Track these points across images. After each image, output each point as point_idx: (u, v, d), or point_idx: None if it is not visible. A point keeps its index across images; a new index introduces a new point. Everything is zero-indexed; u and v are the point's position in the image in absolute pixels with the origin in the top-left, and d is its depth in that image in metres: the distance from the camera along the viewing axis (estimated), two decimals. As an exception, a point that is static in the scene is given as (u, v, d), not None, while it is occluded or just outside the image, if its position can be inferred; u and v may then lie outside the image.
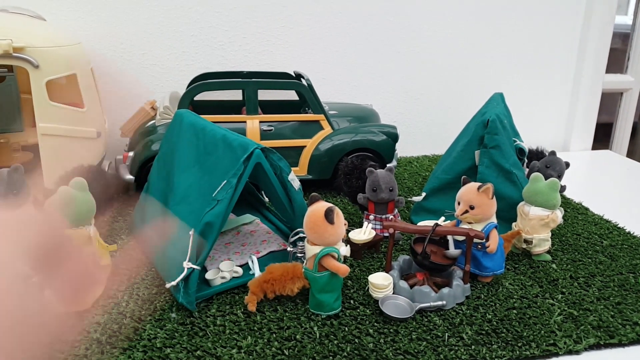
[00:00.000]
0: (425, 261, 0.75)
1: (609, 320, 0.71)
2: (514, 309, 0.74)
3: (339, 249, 0.70)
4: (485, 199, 0.75)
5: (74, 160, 0.91)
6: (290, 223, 0.82)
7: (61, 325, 0.32)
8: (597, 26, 1.46)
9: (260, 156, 0.71)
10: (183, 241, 0.71)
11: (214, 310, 0.71)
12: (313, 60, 1.34)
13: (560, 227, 0.99)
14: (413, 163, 1.36)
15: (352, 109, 1.22)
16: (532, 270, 0.84)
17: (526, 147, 1.00)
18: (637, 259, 0.89)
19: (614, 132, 1.76)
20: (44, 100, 0.89)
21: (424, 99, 1.45)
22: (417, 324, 0.70)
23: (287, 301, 0.74)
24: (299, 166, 1.11)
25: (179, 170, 0.80)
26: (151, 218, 0.84)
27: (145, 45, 1.23)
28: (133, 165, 1.02)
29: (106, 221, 0.98)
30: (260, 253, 0.84)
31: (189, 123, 0.84)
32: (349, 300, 0.75)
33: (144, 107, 1.09)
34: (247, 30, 1.28)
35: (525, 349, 0.66)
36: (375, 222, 0.90)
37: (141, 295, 0.75)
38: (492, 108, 0.95)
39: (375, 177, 0.89)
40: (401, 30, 1.37)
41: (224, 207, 0.69)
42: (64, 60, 0.93)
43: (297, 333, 0.67)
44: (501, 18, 1.42)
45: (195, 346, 0.65)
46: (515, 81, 1.49)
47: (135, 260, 0.82)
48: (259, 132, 1.07)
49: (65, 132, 0.93)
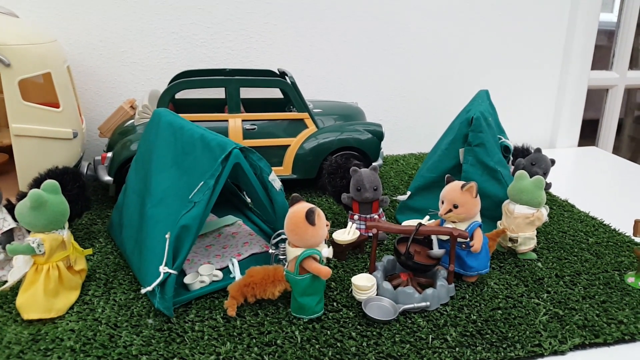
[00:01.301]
0: (408, 261, 0.74)
1: (594, 320, 0.71)
2: (499, 309, 0.73)
3: (321, 251, 0.68)
4: (469, 198, 0.74)
5: (49, 161, 0.89)
6: (273, 224, 0.80)
7: None
8: (583, 23, 1.46)
9: (239, 156, 0.70)
10: (160, 245, 0.69)
11: (193, 316, 0.69)
12: (298, 58, 1.32)
13: (546, 225, 0.98)
14: (399, 161, 1.35)
15: (337, 107, 1.21)
16: (518, 269, 0.83)
17: (511, 144, 0.99)
18: (622, 256, 0.88)
19: (600, 129, 1.76)
20: (16, 100, 0.86)
21: (410, 96, 1.44)
22: (400, 326, 0.68)
23: (268, 305, 0.72)
24: (283, 165, 1.09)
25: (157, 171, 0.78)
26: (129, 221, 0.82)
27: (125, 43, 1.20)
28: (111, 166, 0.99)
29: (83, 224, 0.95)
30: (241, 255, 0.82)
31: (166, 122, 0.81)
32: (332, 303, 0.73)
33: (123, 106, 1.07)
34: (230, 27, 1.25)
35: (510, 350, 0.65)
36: (360, 222, 0.89)
37: (118, 300, 0.73)
38: (476, 105, 0.94)
39: (359, 176, 0.88)
40: (387, 28, 1.35)
41: (201, 209, 0.67)
42: (37, 58, 0.90)
43: (277, 338, 0.66)
44: (487, 15, 1.41)
45: (172, 353, 0.63)
46: (502, 78, 1.49)
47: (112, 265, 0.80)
48: (241, 131, 1.05)
49: (39, 132, 0.90)
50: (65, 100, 0.96)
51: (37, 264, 0.69)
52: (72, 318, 0.69)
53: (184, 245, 0.68)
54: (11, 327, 0.67)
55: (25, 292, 0.69)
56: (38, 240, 0.68)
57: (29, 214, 0.68)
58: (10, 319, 0.68)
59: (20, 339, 0.65)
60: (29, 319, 0.68)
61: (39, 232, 0.69)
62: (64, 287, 0.71)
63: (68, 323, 0.68)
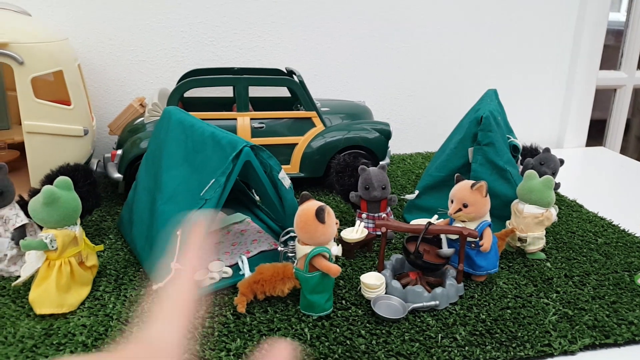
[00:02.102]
0: (417, 260, 0.74)
1: (604, 320, 0.71)
2: (508, 308, 0.73)
3: (330, 249, 0.69)
4: (479, 197, 0.74)
5: (60, 158, 0.89)
6: (281, 222, 0.80)
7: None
8: (591, 23, 1.46)
9: (249, 154, 0.70)
10: (171, 241, 0.69)
11: (203, 312, 0.70)
12: (305, 57, 1.32)
13: (554, 225, 0.98)
14: (406, 160, 1.35)
15: (344, 106, 1.21)
16: (527, 269, 0.83)
17: (520, 144, 0.99)
18: (632, 256, 0.88)
19: (608, 129, 1.75)
20: (29, 97, 0.87)
21: (417, 95, 1.44)
22: (409, 324, 0.69)
23: (277, 302, 0.73)
24: (290, 164, 1.10)
25: (167, 168, 0.78)
26: (139, 217, 0.82)
27: (135, 42, 1.21)
28: (121, 164, 1.00)
29: (93, 221, 0.96)
30: (250, 253, 0.83)
31: (177, 120, 0.82)
32: (340, 301, 0.73)
33: (133, 104, 1.07)
34: (238, 26, 1.26)
35: (520, 349, 0.65)
36: (368, 221, 0.89)
37: (129, 296, 0.73)
38: (485, 104, 0.94)
39: (368, 175, 0.88)
40: (395, 27, 1.35)
41: (212, 206, 0.68)
42: (49, 56, 0.91)
43: (287, 335, 0.66)
44: (495, 14, 1.41)
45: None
46: (509, 78, 1.48)
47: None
48: (249, 130, 1.06)
49: (51, 129, 0.91)
50: (76, 98, 0.96)
51: (49, 260, 0.70)
52: (83, 313, 0.70)
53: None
54: (24, 321, 0.68)
55: (38, 287, 0.69)
56: (51, 236, 0.68)
57: (42, 210, 0.69)
58: (23, 314, 0.69)
59: (34, 334, 0.65)
60: (42, 314, 0.68)
61: (51, 228, 0.70)
62: (75, 282, 0.72)
63: (80, 318, 0.69)
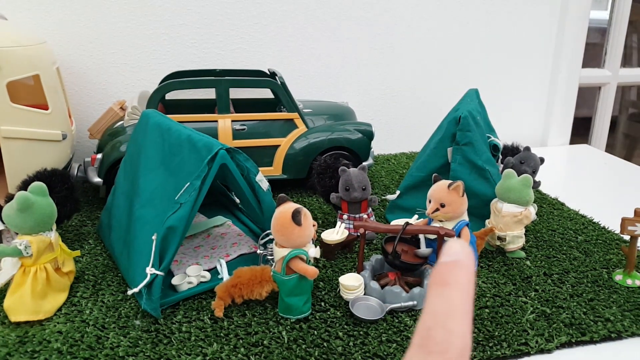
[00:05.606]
0: (396, 261, 0.74)
1: (581, 317, 0.71)
2: (486, 307, 0.73)
3: (308, 251, 0.69)
4: (456, 197, 0.74)
5: (38, 163, 0.89)
6: (261, 224, 0.80)
7: None
8: (573, 21, 1.46)
9: (225, 157, 0.70)
10: (147, 246, 0.69)
11: (180, 317, 0.70)
12: (288, 58, 1.32)
13: (535, 223, 0.98)
14: (390, 160, 1.35)
15: (327, 107, 1.21)
16: (506, 267, 0.84)
17: (501, 143, 0.99)
18: (611, 254, 0.89)
19: (593, 127, 1.76)
20: (5, 102, 0.86)
21: (400, 95, 1.44)
22: (387, 325, 0.69)
23: (256, 305, 0.72)
24: (273, 166, 1.10)
25: (145, 172, 0.78)
26: (117, 222, 0.82)
27: (115, 44, 1.20)
28: (101, 168, 0.99)
29: (73, 226, 0.95)
30: (230, 256, 0.82)
31: (154, 123, 0.81)
32: (319, 303, 0.73)
33: (113, 108, 1.07)
34: (220, 27, 1.25)
35: (497, 349, 0.65)
36: (349, 222, 0.89)
37: (106, 302, 0.73)
38: (465, 104, 0.94)
39: (348, 176, 0.88)
40: (377, 27, 1.35)
41: (187, 210, 0.67)
42: (26, 60, 0.90)
43: (264, 338, 0.66)
44: (477, 13, 1.42)
45: (159, 354, 0.63)
46: (492, 77, 1.49)
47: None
48: (231, 132, 1.05)
49: (28, 134, 0.90)
50: (54, 102, 0.96)
51: (24, 266, 0.69)
52: (59, 320, 0.69)
53: (171, 246, 0.68)
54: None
55: (13, 294, 0.69)
56: (25, 243, 0.68)
57: (16, 217, 0.68)
58: (-3, 322, 0.68)
59: (7, 341, 0.65)
60: (17, 321, 0.68)
61: (26, 235, 0.69)
62: (51, 289, 0.71)
63: (56, 325, 0.68)
